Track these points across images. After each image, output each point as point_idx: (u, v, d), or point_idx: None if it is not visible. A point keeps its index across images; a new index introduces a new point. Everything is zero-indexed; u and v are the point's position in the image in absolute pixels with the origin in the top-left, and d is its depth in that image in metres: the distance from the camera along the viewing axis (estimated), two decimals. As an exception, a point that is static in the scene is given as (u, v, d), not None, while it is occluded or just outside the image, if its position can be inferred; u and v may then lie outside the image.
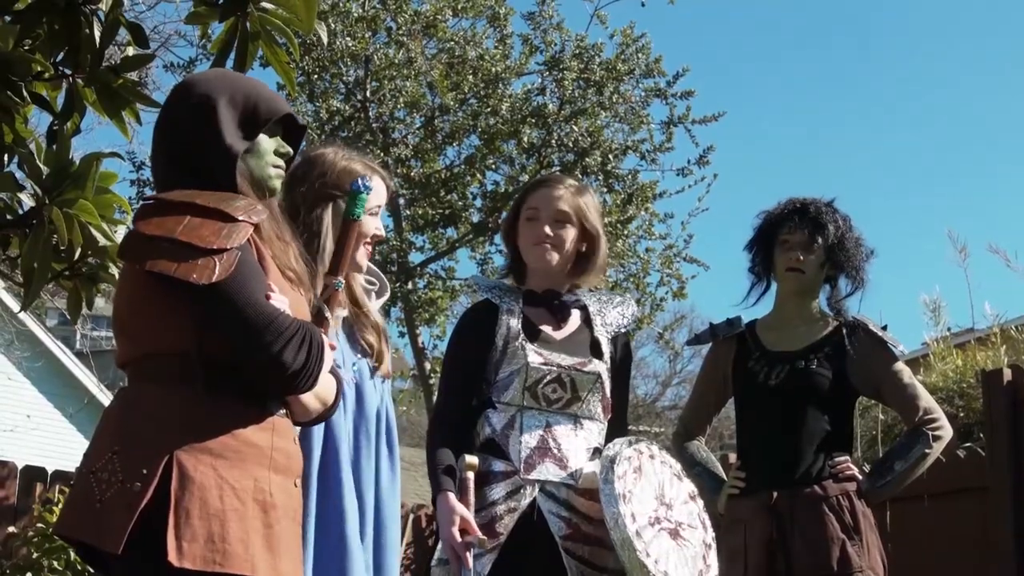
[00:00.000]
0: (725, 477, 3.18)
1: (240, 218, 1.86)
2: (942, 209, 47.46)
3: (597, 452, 2.66)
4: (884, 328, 3.15)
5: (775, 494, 3.01)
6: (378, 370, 2.66)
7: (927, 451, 3.03)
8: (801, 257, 3.12)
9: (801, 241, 3.13)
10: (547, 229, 2.70)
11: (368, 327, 2.64)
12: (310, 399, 1.97)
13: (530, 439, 2.58)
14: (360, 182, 2.20)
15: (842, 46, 49.42)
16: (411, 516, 7.09)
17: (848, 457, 3.06)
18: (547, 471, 2.56)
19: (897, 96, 48.22)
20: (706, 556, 2.59)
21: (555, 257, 2.71)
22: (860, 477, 3.04)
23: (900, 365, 3.14)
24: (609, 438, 2.71)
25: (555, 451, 2.58)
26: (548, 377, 2.61)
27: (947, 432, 3.09)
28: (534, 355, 2.62)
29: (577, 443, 2.61)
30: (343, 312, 2.58)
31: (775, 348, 3.14)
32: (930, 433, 3.04)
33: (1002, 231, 43.09)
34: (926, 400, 3.12)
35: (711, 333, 3.29)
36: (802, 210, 3.19)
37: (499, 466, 2.58)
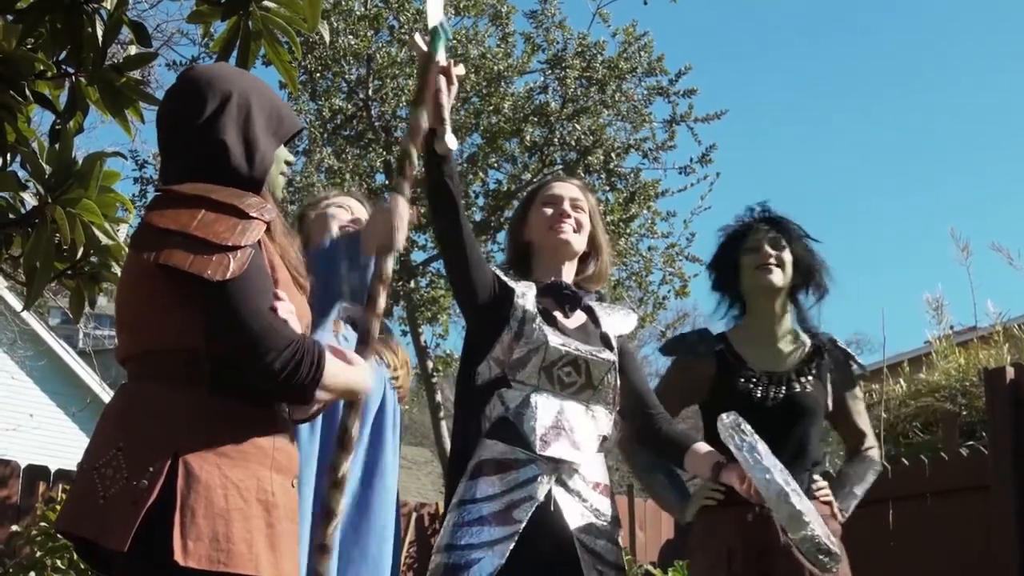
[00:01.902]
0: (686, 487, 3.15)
1: (253, 215, 1.85)
2: (944, 208, 47.54)
3: (605, 440, 2.66)
4: (849, 346, 3.26)
5: (759, 508, 3.00)
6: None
7: (877, 473, 3.24)
8: (770, 251, 3.13)
9: (770, 241, 3.16)
10: (567, 207, 2.76)
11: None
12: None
13: (545, 418, 2.57)
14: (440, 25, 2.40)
15: (844, 45, 49.45)
16: (414, 515, 7.09)
17: (827, 482, 3.12)
18: (562, 449, 2.55)
19: (898, 95, 48.25)
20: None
21: (574, 236, 2.75)
22: (835, 501, 3.09)
23: (858, 390, 3.26)
24: (643, 418, 2.73)
25: (568, 432, 2.58)
26: (565, 359, 2.61)
27: (877, 452, 3.34)
28: (553, 336, 2.61)
29: (588, 429, 2.61)
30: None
31: (764, 367, 3.12)
32: (875, 456, 3.24)
33: (1004, 229, 43.15)
34: (868, 426, 3.27)
35: (689, 348, 3.21)
36: (764, 217, 3.23)
37: (519, 454, 2.55)
